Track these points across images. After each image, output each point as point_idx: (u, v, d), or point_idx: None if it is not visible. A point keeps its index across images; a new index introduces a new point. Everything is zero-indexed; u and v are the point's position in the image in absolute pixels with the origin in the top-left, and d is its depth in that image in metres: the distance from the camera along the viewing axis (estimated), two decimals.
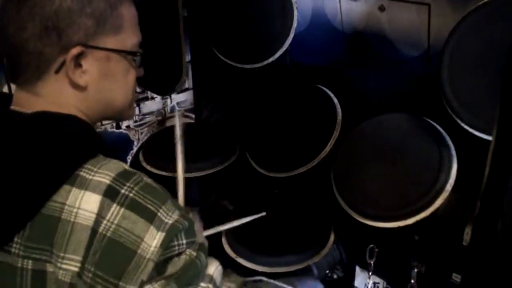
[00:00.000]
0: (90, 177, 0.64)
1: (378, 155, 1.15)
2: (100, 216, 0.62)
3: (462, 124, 0.98)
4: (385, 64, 1.24)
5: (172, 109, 2.08)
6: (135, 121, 1.81)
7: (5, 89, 1.47)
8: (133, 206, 0.63)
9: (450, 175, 1.02)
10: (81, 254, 0.62)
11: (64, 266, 0.62)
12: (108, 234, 0.62)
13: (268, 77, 1.44)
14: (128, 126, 1.79)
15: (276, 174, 1.32)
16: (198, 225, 1.08)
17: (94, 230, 0.62)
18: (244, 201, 1.41)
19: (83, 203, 0.63)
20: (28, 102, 0.71)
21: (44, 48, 0.68)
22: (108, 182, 0.64)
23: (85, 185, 0.63)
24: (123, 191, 0.64)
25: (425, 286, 1.18)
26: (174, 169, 1.39)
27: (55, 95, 0.71)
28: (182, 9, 1.56)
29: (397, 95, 1.23)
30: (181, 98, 2.09)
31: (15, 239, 0.63)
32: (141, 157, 1.49)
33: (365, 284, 1.29)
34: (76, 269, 0.62)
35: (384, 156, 1.13)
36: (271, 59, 1.32)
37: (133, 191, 0.64)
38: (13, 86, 0.78)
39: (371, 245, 1.25)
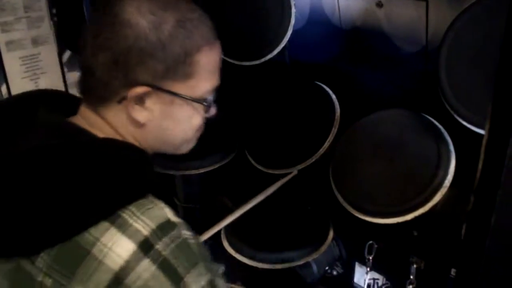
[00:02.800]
0: (131, 221, 0.63)
1: (377, 151, 1.15)
2: (129, 265, 0.61)
3: (460, 120, 0.98)
4: (383, 60, 1.24)
5: None
6: None
7: (3, 88, 1.48)
8: (164, 266, 0.62)
9: (448, 171, 1.02)
10: None
11: None
12: (133, 287, 0.61)
13: (266, 74, 1.44)
14: None
15: (275, 171, 1.32)
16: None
17: (117, 276, 0.61)
18: (244, 198, 1.41)
19: (116, 246, 0.62)
20: (92, 120, 0.74)
21: (110, 80, 0.70)
22: (146, 233, 0.63)
23: (124, 228, 0.63)
24: (157, 246, 0.63)
25: (424, 281, 1.18)
26: (172, 167, 1.39)
27: (116, 122, 0.73)
28: None
29: (395, 91, 1.22)
30: None
31: (42, 254, 0.63)
32: None
33: (364, 280, 1.29)
34: None
35: (383, 152, 1.13)
36: (269, 56, 1.31)
37: (168, 249, 0.63)
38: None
39: (370, 241, 1.25)
